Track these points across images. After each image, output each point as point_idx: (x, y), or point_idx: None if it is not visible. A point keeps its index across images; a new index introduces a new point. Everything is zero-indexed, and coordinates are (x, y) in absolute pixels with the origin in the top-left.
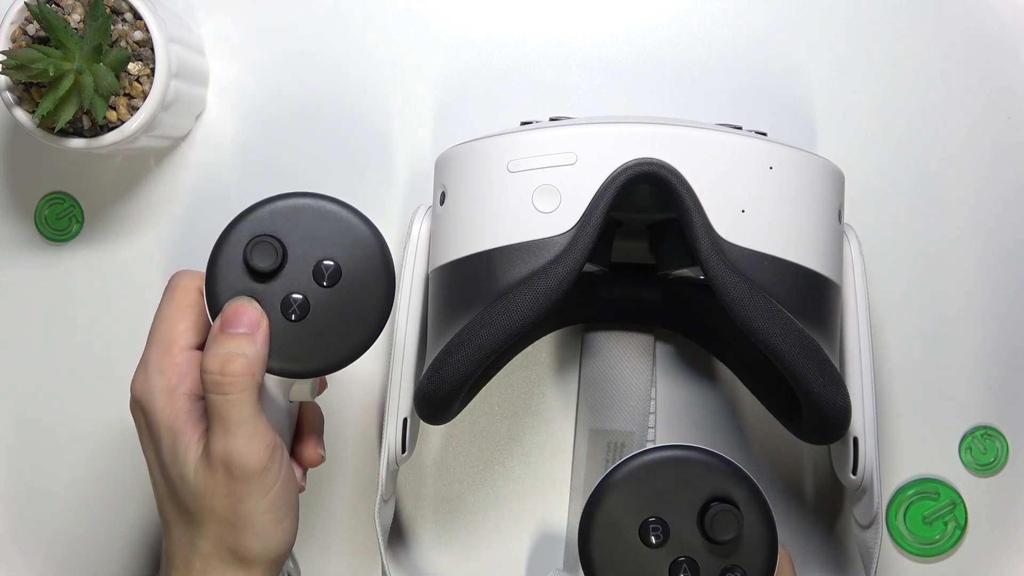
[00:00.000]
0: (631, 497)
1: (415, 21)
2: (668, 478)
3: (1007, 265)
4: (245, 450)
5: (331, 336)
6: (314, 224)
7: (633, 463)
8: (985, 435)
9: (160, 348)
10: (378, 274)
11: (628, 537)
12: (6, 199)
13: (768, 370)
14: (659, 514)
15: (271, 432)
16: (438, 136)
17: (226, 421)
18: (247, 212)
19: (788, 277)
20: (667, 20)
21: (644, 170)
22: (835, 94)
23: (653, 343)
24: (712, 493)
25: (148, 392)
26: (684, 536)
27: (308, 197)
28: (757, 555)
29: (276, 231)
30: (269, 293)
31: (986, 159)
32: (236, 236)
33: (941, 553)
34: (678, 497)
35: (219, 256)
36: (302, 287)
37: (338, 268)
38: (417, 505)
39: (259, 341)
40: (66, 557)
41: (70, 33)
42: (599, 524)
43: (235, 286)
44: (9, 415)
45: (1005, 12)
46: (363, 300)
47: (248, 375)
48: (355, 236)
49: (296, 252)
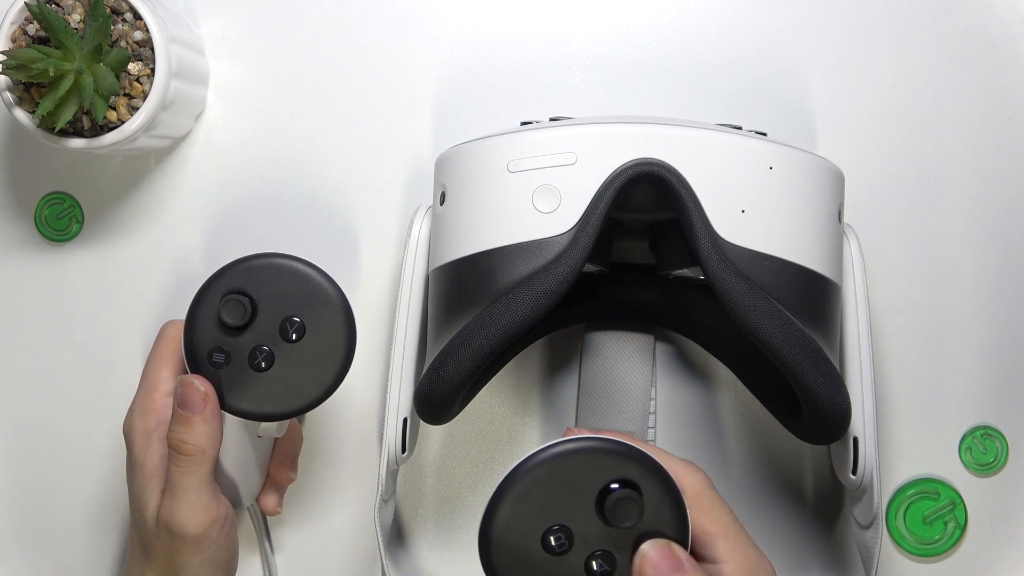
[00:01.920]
0: (523, 511)
1: (415, 21)
2: (556, 478)
3: (1007, 265)
4: (185, 516)
5: (293, 385)
6: (283, 283)
7: (516, 475)
8: (985, 435)
9: (144, 392)
10: (339, 332)
11: (533, 552)
12: (6, 199)
13: (768, 370)
14: (557, 519)
15: (215, 505)
16: (438, 136)
17: (174, 486)
18: (223, 271)
19: (788, 277)
20: (667, 20)
21: (644, 170)
22: (835, 94)
23: (653, 343)
24: (604, 480)
25: (131, 431)
26: (588, 531)
27: (280, 258)
28: (666, 518)
29: (248, 289)
30: (239, 344)
31: (986, 159)
32: (212, 292)
33: (941, 553)
34: (572, 494)
35: (196, 310)
36: (269, 340)
37: (303, 325)
38: (417, 505)
39: (208, 417)
40: (66, 557)
41: (70, 33)
42: (499, 549)
43: (209, 338)
44: (9, 415)
45: (1005, 12)
46: (325, 355)
47: (198, 453)
48: (320, 296)
49: (265, 308)
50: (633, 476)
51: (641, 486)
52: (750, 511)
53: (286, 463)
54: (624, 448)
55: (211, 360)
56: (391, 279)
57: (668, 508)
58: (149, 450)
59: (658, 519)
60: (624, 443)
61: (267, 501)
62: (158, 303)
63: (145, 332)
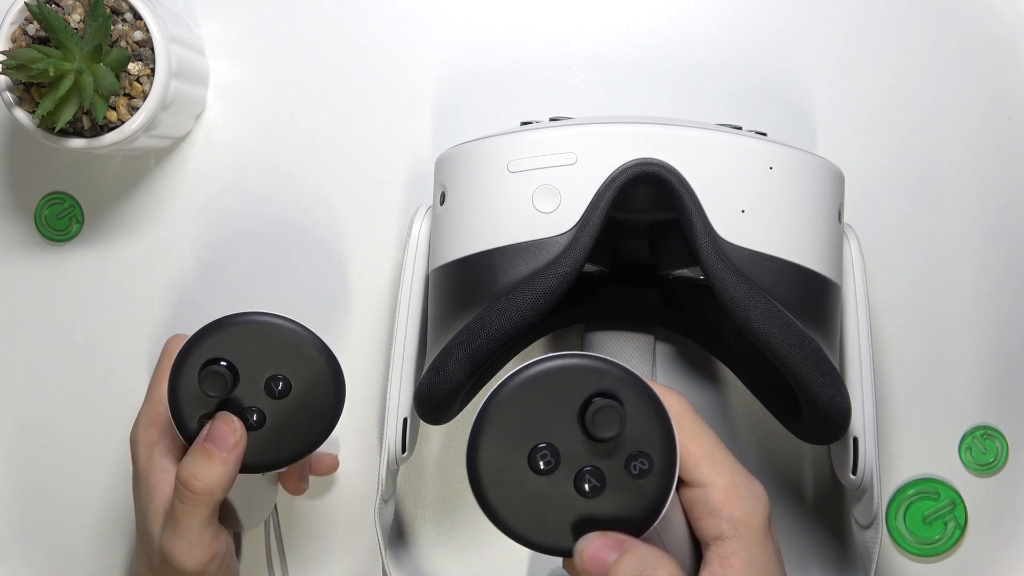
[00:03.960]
0: (506, 432)
1: (415, 21)
2: (537, 397)
3: (1007, 265)
4: (185, 552)
5: (287, 436)
6: (261, 342)
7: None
8: (985, 435)
9: (149, 405)
10: (326, 380)
11: (521, 473)
12: (6, 199)
13: (768, 370)
14: (542, 437)
15: (215, 542)
16: (438, 136)
17: (176, 522)
18: (198, 337)
19: (788, 277)
20: (667, 20)
21: (644, 170)
22: (835, 94)
23: (653, 343)
24: (585, 394)
25: (136, 444)
26: (574, 447)
27: (253, 316)
28: (651, 433)
29: (226, 354)
30: (228, 407)
31: (986, 159)
32: (190, 361)
33: (941, 553)
34: (554, 412)
35: (177, 383)
36: (257, 400)
37: (287, 381)
38: (417, 505)
39: (230, 463)
40: (66, 557)
41: (70, 33)
42: (487, 474)
43: (195, 407)
44: (9, 415)
45: (1005, 12)
46: (315, 404)
47: (206, 494)
48: (300, 349)
49: (247, 371)
50: (612, 388)
51: (621, 397)
52: None
53: (295, 475)
54: (602, 362)
55: (200, 425)
56: (391, 279)
57: (652, 422)
58: (152, 465)
59: (643, 433)
60: (602, 357)
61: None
62: (158, 303)
63: (145, 332)
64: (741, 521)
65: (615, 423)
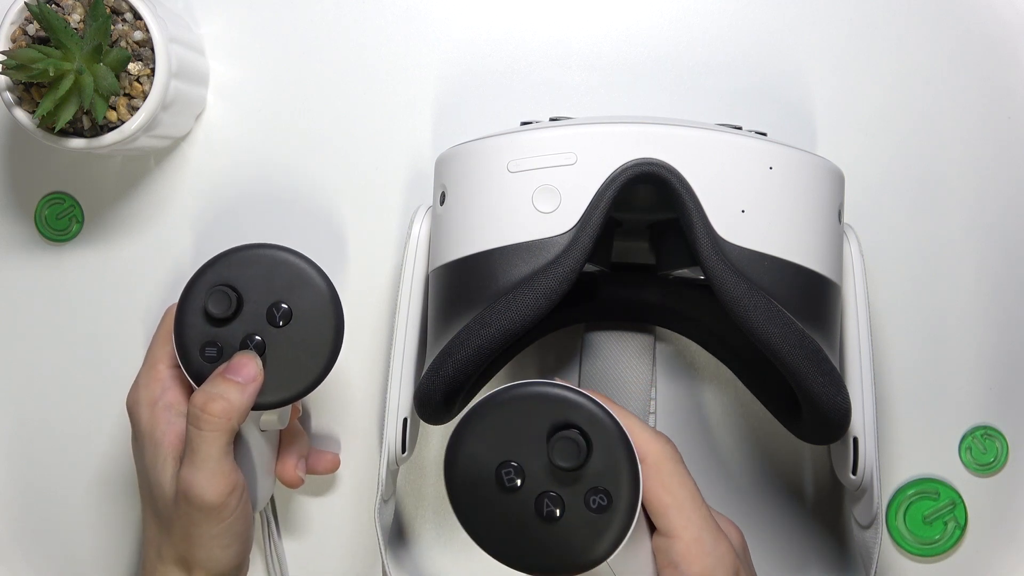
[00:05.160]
0: (480, 446)
1: (415, 21)
2: (512, 417)
3: (1007, 265)
4: (205, 485)
5: (288, 371)
6: (266, 271)
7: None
8: (985, 435)
9: (147, 366)
10: (326, 312)
11: (488, 486)
12: (6, 199)
13: (768, 370)
14: (510, 456)
15: (234, 473)
16: (438, 136)
17: (194, 454)
18: (205, 267)
19: (788, 277)
20: (667, 20)
21: (644, 170)
22: (835, 94)
23: (653, 343)
24: (554, 423)
25: (136, 405)
26: (538, 471)
27: (260, 248)
28: (616, 472)
29: (232, 280)
30: (230, 336)
31: (986, 159)
32: (197, 289)
33: (941, 553)
34: (525, 434)
35: (184, 307)
36: (258, 328)
37: (289, 310)
38: (417, 505)
39: (248, 392)
40: (66, 557)
41: (70, 33)
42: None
43: (199, 333)
44: (9, 415)
45: (1005, 12)
46: (315, 336)
47: (224, 418)
48: (304, 279)
49: (251, 298)
50: (582, 422)
51: (590, 433)
52: (750, 511)
53: (291, 461)
54: (581, 397)
55: (203, 355)
56: (391, 279)
57: (619, 463)
58: (156, 419)
59: (607, 472)
60: (578, 390)
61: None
62: (158, 303)
63: (145, 332)
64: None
65: (574, 455)
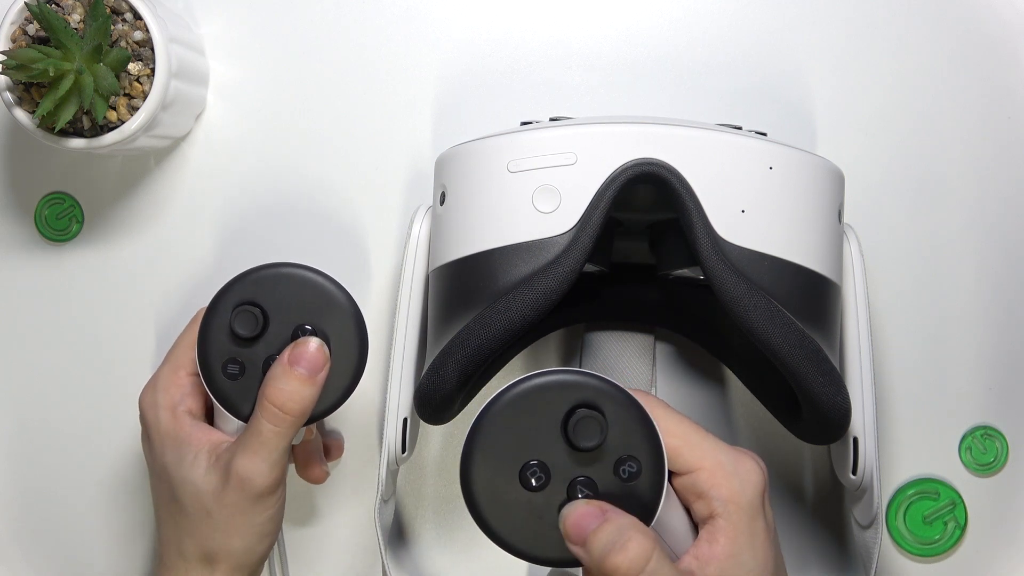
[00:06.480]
0: (496, 454)
1: (415, 21)
2: (521, 416)
3: (1007, 265)
4: (266, 474)
5: None
6: (294, 292)
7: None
8: (985, 435)
9: (169, 368)
10: (351, 338)
11: (514, 491)
12: (6, 199)
13: (768, 370)
14: (531, 455)
15: (286, 463)
16: (438, 136)
17: (262, 447)
18: (233, 282)
19: (788, 277)
20: (667, 20)
21: (644, 170)
22: (835, 94)
23: (653, 343)
24: (566, 408)
25: (153, 408)
26: (562, 462)
27: (289, 267)
28: (635, 435)
29: (258, 299)
30: (253, 355)
31: (986, 159)
32: (223, 304)
33: (941, 553)
34: (538, 429)
35: (208, 323)
36: (282, 350)
37: (315, 332)
38: (417, 505)
39: (317, 384)
40: (66, 557)
41: (70, 33)
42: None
43: (222, 350)
44: (10, 415)
45: (1005, 12)
46: (339, 359)
47: (300, 416)
48: (331, 303)
49: (277, 318)
50: (591, 399)
51: (601, 406)
52: None
53: (314, 461)
54: (578, 375)
55: (225, 372)
56: (391, 279)
57: (635, 425)
58: (179, 422)
59: (627, 437)
60: (578, 371)
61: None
62: (158, 303)
63: (145, 332)
64: (729, 499)
65: (597, 432)
